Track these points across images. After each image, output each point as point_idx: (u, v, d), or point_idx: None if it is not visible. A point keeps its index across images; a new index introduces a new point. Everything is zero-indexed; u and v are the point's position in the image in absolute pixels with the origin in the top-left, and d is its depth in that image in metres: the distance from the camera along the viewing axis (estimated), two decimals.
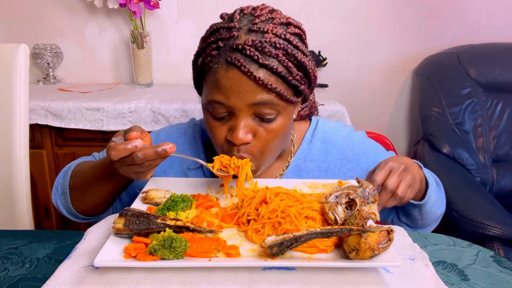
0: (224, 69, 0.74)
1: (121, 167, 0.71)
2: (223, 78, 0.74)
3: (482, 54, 2.01)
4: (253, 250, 0.66)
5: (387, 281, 0.60)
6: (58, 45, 2.19)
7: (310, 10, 2.18)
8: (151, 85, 2.15)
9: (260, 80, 0.73)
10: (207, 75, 0.78)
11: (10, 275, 0.68)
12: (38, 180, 1.85)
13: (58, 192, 0.93)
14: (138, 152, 0.68)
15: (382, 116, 2.33)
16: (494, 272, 0.70)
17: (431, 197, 0.87)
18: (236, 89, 0.74)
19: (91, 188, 0.87)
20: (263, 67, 0.73)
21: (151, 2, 2.00)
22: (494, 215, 1.53)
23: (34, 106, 1.75)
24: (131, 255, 0.60)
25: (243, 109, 0.75)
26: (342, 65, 2.25)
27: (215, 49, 0.75)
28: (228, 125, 0.78)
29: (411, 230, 0.94)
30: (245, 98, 0.74)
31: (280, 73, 0.74)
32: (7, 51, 1.14)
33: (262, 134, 0.78)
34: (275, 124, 0.78)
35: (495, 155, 1.94)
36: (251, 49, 0.72)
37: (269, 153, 0.81)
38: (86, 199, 0.89)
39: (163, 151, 0.68)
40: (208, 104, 0.78)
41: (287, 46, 0.75)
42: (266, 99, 0.74)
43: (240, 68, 0.73)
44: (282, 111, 0.78)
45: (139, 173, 0.72)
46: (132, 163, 0.69)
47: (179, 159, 0.95)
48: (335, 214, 0.70)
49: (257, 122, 0.77)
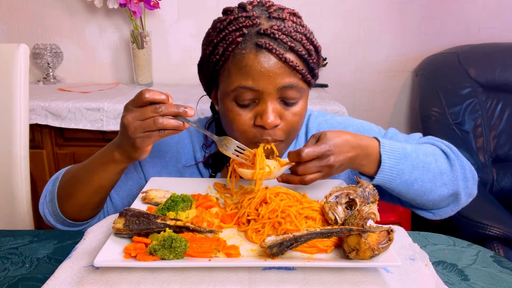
0: (254, 54, 0.77)
1: (135, 122, 0.73)
2: (253, 62, 0.77)
3: (482, 54, 2.01)
4: (253, 250, 0.66)
5: (387, 281, 0.60)
6: (58, 45, 2.19)
7: (310, 10, 2.18)
8: (151, 85, 2.15)
9: (290, 62, 0.77)
10: (230, 63, 0.80)
11: (10, 275, 0.68)
12: (38, 180, 1.85)
13: (46, 200, 0.91)
14: (162, 105, 0.71)
15: (382, 116, 2.33)
16: (494, 272, 0.70)
17: (403, 176, 0.81)
18: (267, 72, 0.77)
19: (80, 185, 0.85)
20: (291, 49, 0.78)
21: (151, 2, 2.00)
22: (494, 215, 1.53)
23: (34, 106, 1.75)
24: (131, 255, 0.60)
25: (272, 92, 0.78)
26: (342, 65, 2.26)
27: (240, 35, 0.78)
28: (254, 111, 0.80)
29: (430, 215, 0.90)
30: (275, 81, 0.77)
31: (303, 56, 0.79)
32: (7, 51, 1.14)
33: (288, 117, 0.81)
34: (298, 107, 0.82)
35: (495, 155, 1.94)
36: (279, 33, 0.77)
37: (294, 134, 0.85)
38: (74, 199, 0.86)
39: (184, 112, 0.72)
40: (233, 91, 0.79)
41: (305, 31, 0.81)
42: (293, 82, 0.79)
43: (272, 51, 0.76)
44: (303, 95, 0.83)
45: (147, 135, 0.73)
46: (153, 115, 0.71)
47: (173, 160, 0.96)
48: (335, 214, 0.70)
49: (282, 106, 0.81)
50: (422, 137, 0.97)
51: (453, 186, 0.85)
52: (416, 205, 0.90)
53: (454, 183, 0.85)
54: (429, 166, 0.83)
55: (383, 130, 0.98)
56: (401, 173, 0.81)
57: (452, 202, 0.89)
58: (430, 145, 0.89)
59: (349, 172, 0.98)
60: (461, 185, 0.86)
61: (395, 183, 0.81)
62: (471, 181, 0.88)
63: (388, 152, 0.80)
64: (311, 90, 0.87)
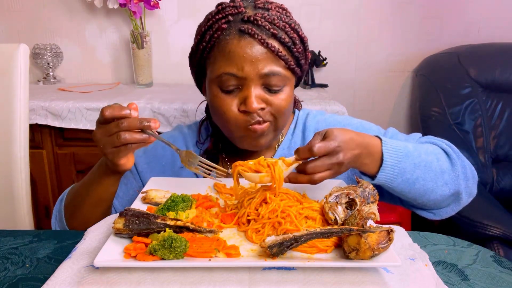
0: (237, 39, 0.79)
1: (103, 139, 0.73)
2: (236, 47, 0.79)
3: (482, 54, 2.01)
4: (253, 250, 0.66)
5: (387, 281, 0.60)
6: (58, 45, 2.19)
7: (310, 10, 2.18)
8: (151, 85, 2.15)
9: (272, 47, 0.79)
10: (215, 50, 0.82)
11: (10, 275, 0.68)
12: (38, 180, 1.85)
13: (56, 219, 0.94)
14: (124, 120, 0.71)
15: (382, 116, 2.33)
16: (494, 272, 0.70)
17: (404, 175, 0.80)
18: (249, 58, 0.79)
19: (81, 200, 0.87)
20: (273, 36, 0.80)
21: (151, 2, 2.00)
22: (494, 215, 1.53)
23: (34, 106, 1.75)
24: (131, 255, 0.60)
25: (254, 78, 0.80)
26: (342, 65, 2.26)
27: (225, 22, 0.81)
28: (238, 97, 0.82)
29: (430, 215, 0.89)
30: (257, 67, 0.79)
31: (287, 43, 0.81)
32: (7, 51, 1.15)
33: (274, 102, 0.83)
34: (283, 94, 0.84)
35: (495, 155, 1.94)
36: (262, 20, 0.79)
37: (282, 120, 0.87)
38: (78, 214, 0.89)
39: (147, 126, 0.71)
40: (217, 77, 0.82)
41: (290, 21, 0.83)
42: (275, 69, 0.81)
43: (254, 36, 0.78)
44: (287, 83, 0.84)
45: (116, 151, 0.74)
46: (116, 130, 0.71)
47: (169, 163, 0.97)
48: (335, 214, 0.70)
49: (266, 92, 0.83)
50: (422, 137, 0.97)
51: (454, 186, 0.84)
52: (417, 205, 0.89)
53: (455, 182, 0.84)
54: (430, 165, 0.82)
55: (382, 130, 0.98)
56: (402, 172, 0.80)
57: (453, 202, 0.88)
58: (431, 144, 0.89)
59: (349, 172, 0.98)
60: (462, 185, 0.85)
61: (397, 182, 0.81)
62: (472, 181, 0.88)
63: (390, 151, 0.79)
64: (311, 90, 0.88)
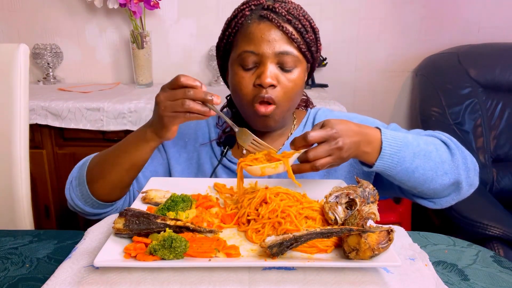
0: (257, 23, 0.91)
1: (165, 102, 0.79)
2: (256, 29, 0.91)
3: (482, 54, 2.01)
4: (253, 250, 0.66)
5: (387, 281, 0.60)
6: (58, 45, 2.19)
7: (310, 10, 2.14)
8: (151, 85, 2.15)
9: (287, 30, 0.90)
10: (239, 34, 0.94)
11: (10, 275, 0.68)
12: (38, 180, 1.85)
13: (72, 185, 0.95)
14: (192, 90, 0.78)
15: (382, 116, 2.33)
16: (494, 272, 0.70)
17: (404, 163, 0.81)
18: (266, 38, 0.90)
19: (111, 166, 0.90)
20: (288, 22, 0.91)
21: (151, 2, 2.00)
22: (494, 215, 1.53)
23: (34, 106, 1.75)
24: (131, 255, 0.60)
25: (270, 56, 0.90)
26: (342, 65, 2.26)
27: (248, 10, 0.93)
28: (255, 74, 0.92)
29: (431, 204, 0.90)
30: (273, 46, 0.90)
31: (300, 29, 0.92)
32: (7, 51, 1.14)
33: (284, 82, 0.92)
34: (293, 75, 0.92)
35: (495, 155, 1.94)
36: (280, 8, 0.91)
37: (289, 103, 0.94)
38: (105, 180, 0.91)
39: (210, 99, 0.78)
40: (238, 56, 0.92)
41: (305, 13, 0.96)
42: (289, 49, 0.91)
43: (272, 21, 0.90)
44: (298, 65, 0.93)
45: (174, 115, 0.79)
46: (182, 96, 0.78)
47: (191, 140, 1.07)
48: (335, 214, 0.70)
49: (279, 71, 0.92)
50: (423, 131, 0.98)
51: (454, 175, 0.86)
52: (417, 194, 0.90)
53: (455, 172, 0.86)
54: (430, 155, 0.84)
55: (385, 125, 0.99)
56: (402, 161, 0.81)
57: (454, 191, 0.89)
58: (431, 136, 0.91)
59: (349, 170, 0.99)
60: (462, 174, 0.86)
61: (396, 170, 0.82)
62: (473, 172, 0.89)
63: (390, 140, 0.82)
64: (311, 90, 0.89)
